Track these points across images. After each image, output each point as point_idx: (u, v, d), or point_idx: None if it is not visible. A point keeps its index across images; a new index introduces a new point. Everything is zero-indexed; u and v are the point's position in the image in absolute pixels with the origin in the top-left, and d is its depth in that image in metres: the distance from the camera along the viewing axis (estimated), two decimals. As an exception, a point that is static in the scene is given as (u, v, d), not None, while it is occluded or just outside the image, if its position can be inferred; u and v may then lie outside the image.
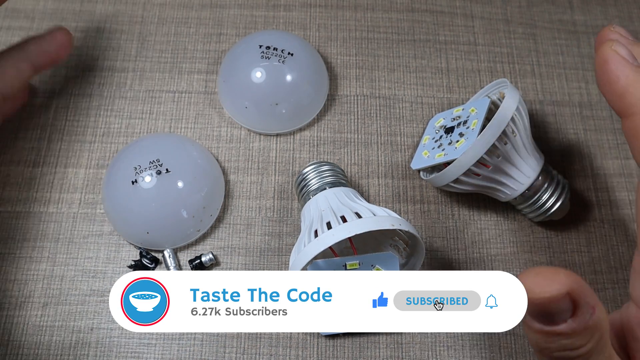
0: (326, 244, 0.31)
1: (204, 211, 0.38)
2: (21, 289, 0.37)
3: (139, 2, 0.46)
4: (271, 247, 0.39)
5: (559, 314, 0.22)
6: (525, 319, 0.23)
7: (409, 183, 0.41)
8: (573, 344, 0.22)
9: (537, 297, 0.22)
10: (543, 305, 0.22)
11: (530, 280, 0.22)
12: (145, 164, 0.37)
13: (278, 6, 0.47)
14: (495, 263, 0.39)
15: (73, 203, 0.40)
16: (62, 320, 0.37)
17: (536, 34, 0.46)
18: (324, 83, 0.43)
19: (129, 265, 0.38)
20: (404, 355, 0.36)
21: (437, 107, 0.43)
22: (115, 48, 0.45)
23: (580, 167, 0.42)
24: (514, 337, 0.37)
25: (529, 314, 0.23)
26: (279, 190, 0.40)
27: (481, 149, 0.34)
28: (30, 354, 0.36)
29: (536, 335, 0.23)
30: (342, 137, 0.42)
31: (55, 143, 0.41)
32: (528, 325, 0.23)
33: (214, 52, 0.45)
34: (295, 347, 0.36)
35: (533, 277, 0.22)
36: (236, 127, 0.42)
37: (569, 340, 0.22)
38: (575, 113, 0.44)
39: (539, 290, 0.21)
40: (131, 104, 0.43)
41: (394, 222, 0.32)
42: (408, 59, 0.45)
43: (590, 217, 0.40)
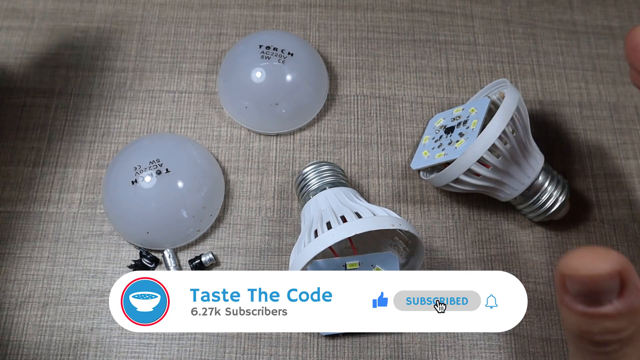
0: (326, 244, 0.31)
1: (204, 211, 0.38)
2: (21, 289, 0.37)
3: (139, 2, 0.46)
4: (271, 247, 0.39)
5: (605, 294, 0.21)
6: (566, 302, 0.22)
7: (409, 183, 0.41)
8: (616, 327, 0.22)
9: (588, 274, 0.21)
10: (592, 284, 0.21)
11: (581, 257, 0.21)
12: (145, 164, 0.37)
13: (278, 6, 0.47)
14: (495, 263, 0.39)
15: (73, 203, 0.40)
16: (62, 320, 0.37)
17: (536, 34, 0.46)
18: (324, 83, 0.43)
19: (129, 265, 0.38)
20: (404, 355, 0.36)
21: (437, 107, 0.43)
22: (115, 48, 0.45)
23: (580, 167, 0.42)
24: (514, 337, 0.37)
25: (572, 295, 0.22)
26: (279, 190, 0.40)
27: (481, 149, 0.34)
28: (30, 354, 0.36)
29: (578, 318, 0.22)
30: (342, 137, 0.42)
31: (55, 143, 0.41)
32: (569, 307, 0.22)
33: (214, 52, 0.45)
34: (295, 347, 0.36)
35: (585, 254, 0.21)
36: (236, 127, 0.42)
37: (613, 322, 0.22)
38: (575, 113, 0.44)
39: (591, 266, 0.21)
40: (131, 104, 0.43)
41: (394, 222, 0.32)
42: (408, 59, 0.45)
43: (590, 217, 0.40)
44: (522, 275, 0.38)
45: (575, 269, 0.21)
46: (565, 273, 0.22)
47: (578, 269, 0.21)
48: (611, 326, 0.22)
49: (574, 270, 0.21)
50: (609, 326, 0.22)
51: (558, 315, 0.37)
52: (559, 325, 0.37)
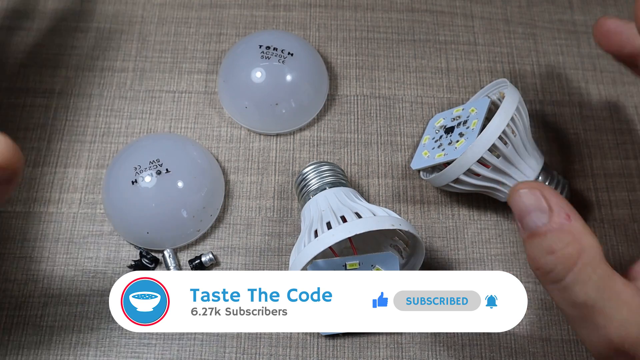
0: (326, 244, 0.31)
1: (204, 211, 0.38)
2: (21, 289, 0.37)
3: (139, 2, 0.46)
4: (271, 247, 0.39)
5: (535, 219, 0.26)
6: (520, 234, 0.27)
7: (409, 183, 0.41)
8: (550, 245, 0.26)
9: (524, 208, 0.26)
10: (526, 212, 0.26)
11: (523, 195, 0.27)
12: (145, 164, 0.37)
13: (278, 6, 0.47)
14: (495, 263, 0.39)
15: (73, 203, 0.40)
16: (62, 320, 0.37)
17: (536, 34, 0.46)
18: (324, 83, 0.43)
19: (129, 265, 0.38)
20: (404, 355, 0.36)
21: (437, 107, 0.43)
22: (115, 48, 0.45)
23: (580, 167, 0.42)
24: (514, 337, 0.37)
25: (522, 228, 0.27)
26: (279, 190, 0.40)
27: (481, 149, 0.34)
28: (30, 353, 0.36)
29: (526, 246, 0.27)
30: (342, 137, 0.42)
31: (55, 143, 0.41)
32: (522, 236, 0.27)
33: (214, 52, 0.45)
34: (295, 347, 0.36)
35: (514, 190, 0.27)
36: (236, 127, 0.42)
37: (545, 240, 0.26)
38: (575, 113, 0.44)
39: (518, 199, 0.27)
40: (131, 104, 0.43)
41: (394, 222, 0.32)
42: (408, 59, 0.45)
43: (590, 217, 0.40)
44: (522, 275, 0.38)
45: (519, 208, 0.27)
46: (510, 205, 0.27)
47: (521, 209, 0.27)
48: (546, 245, 0.26)
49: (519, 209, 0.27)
50: (544, 245, 0.26)
51: (558, 315, 0.37)
52: (559, 325, 0.37)
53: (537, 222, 0.26)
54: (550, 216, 0.26)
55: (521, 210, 0.27)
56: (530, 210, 0.26)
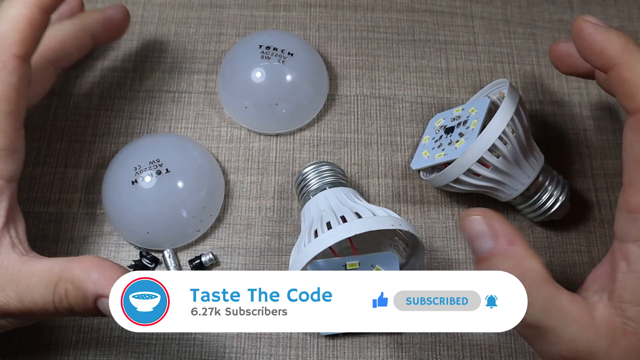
0: (326, 244, 0.31)
1: (204, 211, 0.38)
2: (21, 289, 0.37)
3: (139, 2, 0.46)
4: (271, 247, 0.39)
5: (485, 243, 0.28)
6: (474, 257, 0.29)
7: (409, 183, 0.41)
8: (493, 267, 0.28)
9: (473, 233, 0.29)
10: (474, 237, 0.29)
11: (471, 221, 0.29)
12: (145, 164, 0.37)
13: (278, 6, 0.47)
14: (495, 263, 0.39)
15: (73, 203, 0.40)
16: (62, 320, 0.36)
17: (536, 34, 0.46)
18: (324, 83, 0.43)
19: (129, 265, 0.38)
20: (404, 355, 0.36)
21: (437, 107, 0.43)
22: (115, 48, 0.45)
23: (580, 167, 0.42)
24: (514, 337, 0.37)
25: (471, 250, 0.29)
26: (279, 190, 0.40)
27: (481, 149, 0.34)
28: (30, 353, 0.36)
29: (476, 267, 0.29)
30: (342, 137, 0.42)
31: (55, 143, 0.41)
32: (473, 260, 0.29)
33: (214, 52, 0.45)
34: (295, 347, 0.36)
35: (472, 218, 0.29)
36: (236, 127, 0.42)
37: (493, 265, 0.28)
38: (575, 113, 0.44)
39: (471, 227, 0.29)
40: (131, 104, 0.43)
41: (394, 222, 0.32)
42: (408, 59, 0.45)
43: (590, 217, 0.40)
44: (522, 275, 0.38)
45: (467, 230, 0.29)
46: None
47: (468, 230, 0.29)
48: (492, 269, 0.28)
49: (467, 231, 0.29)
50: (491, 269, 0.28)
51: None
52: (559, 325, 0.37)
53: (483, 247, 0.28)
54: (496, 241, 0.28)
55: (470, 236, 0.29)
56: (478, 236, 0.28)
